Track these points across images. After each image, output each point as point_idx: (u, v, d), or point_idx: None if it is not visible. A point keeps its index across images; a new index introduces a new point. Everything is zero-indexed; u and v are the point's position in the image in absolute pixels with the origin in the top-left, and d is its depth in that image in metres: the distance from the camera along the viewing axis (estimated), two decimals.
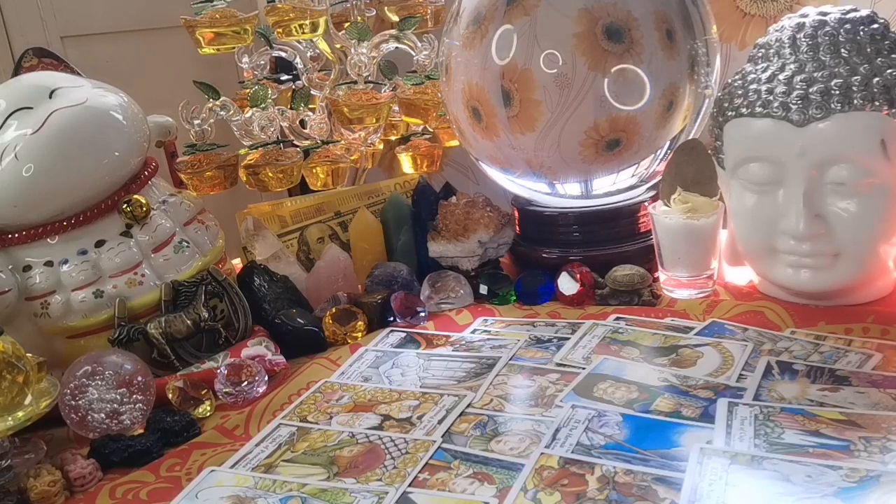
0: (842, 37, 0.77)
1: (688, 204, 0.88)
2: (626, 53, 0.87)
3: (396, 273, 0.97)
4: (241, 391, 0.77)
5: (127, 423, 0.72)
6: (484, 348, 0.82)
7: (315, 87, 1.11)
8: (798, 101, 0.76)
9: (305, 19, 1.01)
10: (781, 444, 0.58)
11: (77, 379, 0.72)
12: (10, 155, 0.80)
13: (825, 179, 0.77)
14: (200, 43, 1.02)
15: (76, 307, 0.82)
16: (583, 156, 0.91)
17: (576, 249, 0.97)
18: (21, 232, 0.82)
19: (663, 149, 0.94)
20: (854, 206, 0.76)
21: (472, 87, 0.93)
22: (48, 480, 0.64)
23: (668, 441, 0.60)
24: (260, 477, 0.63)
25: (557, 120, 0.89)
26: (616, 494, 0.55)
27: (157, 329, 0.82)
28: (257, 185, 1.03)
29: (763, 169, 0.80)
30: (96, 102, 0.84)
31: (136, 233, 0.85)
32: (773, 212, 0.80)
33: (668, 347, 0.77)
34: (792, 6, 1.06)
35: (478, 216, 0.98)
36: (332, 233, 1.05)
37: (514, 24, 0.89)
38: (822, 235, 0.78)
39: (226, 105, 1.02)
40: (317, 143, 1.06)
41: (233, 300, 0.87)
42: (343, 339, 0.88)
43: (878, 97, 0.74)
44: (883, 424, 0.60)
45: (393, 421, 0.69)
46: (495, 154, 0.97)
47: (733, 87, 0.84)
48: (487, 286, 0.96)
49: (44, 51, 0.99)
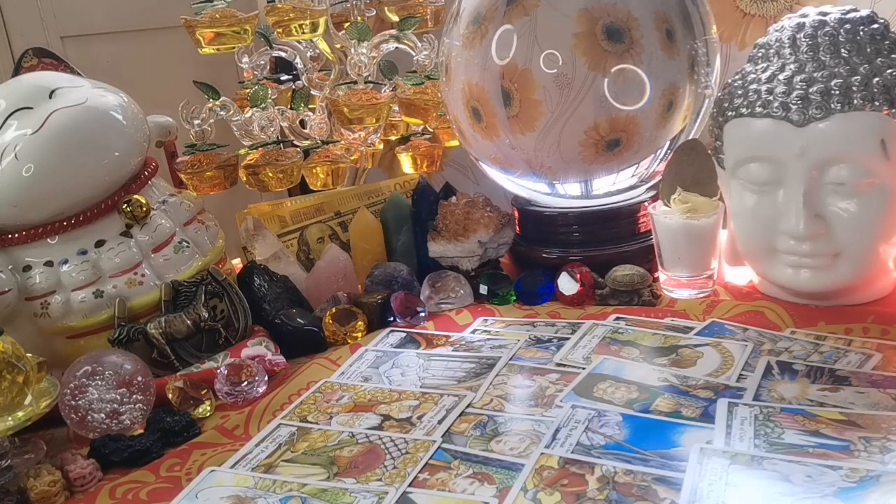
0: (842, 37, 0.77)
1: (688, 204, 0.88)
2: (626, 53, 0.87)
3: (396, 273, 0.97)
4: (241, 391, 0.77)
5: (127, 423, 0.72)
6: (484, 348, 0.82)
7: (315, 87, 1.11)
8: (798, 101, 0.76)
9: (305, 19, 1.01)
10: (781, 444, 0.58)
11: (77, 379, 0.72)
12: (10, 155, 0.80)
13: (825, 179, 0.77)
14: (200, 43, 1.02)
15: (76, 307, 0.82)
16: (583, 156, 0.91)
17: (576, 249, 0.97)
18: (21, 232, 0.82)
19: (663, 149, 0.94)
20: (854, 206, 0.76)
21: (472, 87, 0.93)
22: (48, 480, 0.64)
23: (668, 441, 0.60)
24: (260, 477, 0.63)
25: (557, 120, 0.89)
26: (616, 494, 0.55)
27: (157, 329, 0.82)
28: (257, 185, 1.03)
29: (763, 169, 0.80)
30: (96, 102, 0.84)
31: (136, 233, 0.85)
32: (773, 212, 0.80)
33: (668, 347, 0.77)
34: (792, 6, 1.06)
35: (478, 216, 0.98)
36: (332, 233, 1.05)
37: (514, 24, 0.89)
38: (822, 235, 0.78)
39: (226, 105, 1.02)
40: (317, 143, 1.06)
41: (233, 300, 0.87)
42: (343, 339, 0.88)
43: (878, 97, 0.74)
44: (883, 424, 0.60)
45: (393, 421, 0.69)
46: (495, 154, 0.97)
47: (733, 87, 0.84)
48: (487, 286, 0.96)
49: (44, 51, 0.99)
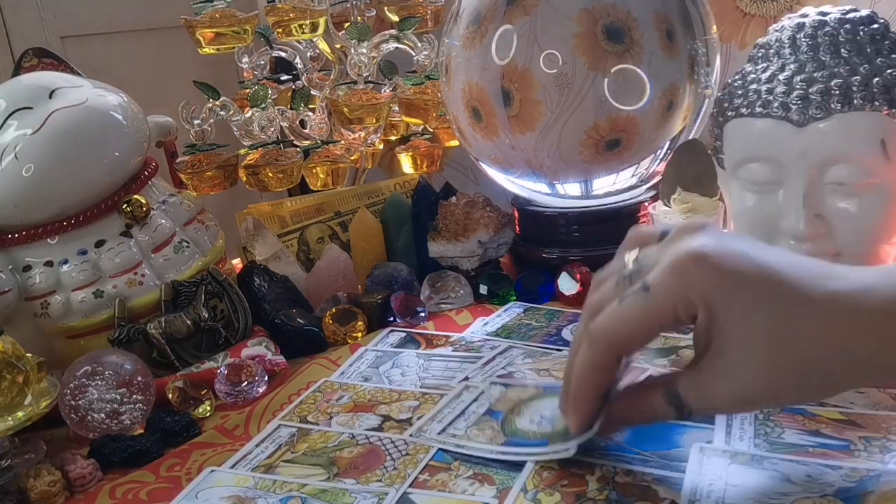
0: (842, 37, 0.77)
1: (688, 204, 0.88)
2: (626, 53, 0.87)
3: (396, 273, 0.97)
4: (241, 391, 0.77)
5: (127, 423, 0.72)
6: (484, 349, 0.82)
7: (315, 87, 1.11)
8: (798, 101, 0.76)
9: (305, 19, 1.01)
10: (781, 444, 0.58)
11: (77, 379, 0.72)
12: (9, 155, 0.80)
13: (825, 179, 0.77)
14: (200, 43, 1.02)
15: (76, 307, 0.82)
16: (583, 156, 0.91)
17: (576, 249, 0.97)
18: (21, 232, 0.82)
19: (663, 149, 0.94)
20: (854, 207, 0.76)
21: (472, 87, 0.93)
22: (48, 480, 0.64)
23: (669, 442, 0.60)
24: (260, 477, 0.62)
25: (557, 120, 0.89)
26: (616, 495, 0.55)
27: (157, 329, 0.82)
28: (257, 185, 1.03)
29: (763, 169, 0.80)
30: (96, 102, 0.84)
31: (136, 233, 0.85)
32: (773, 212, 0.80)
33: (668, 349, 0.77)
34: (792, 6, 1.06)
35: (478, 216, 0.98)
36: (332, 233, 1.05)
37: (514, 24, 0.89)
38: (822, 235, 0.78)
39: (226, 105, 1.02)
40: (317, 143, 1.06)
41: (233, 300, 0.87)
42: (343, 339, 0.88)
43: (878, 97, 0.74)
44: (883, 424, 0.60)
45: (393, 422, 0.69)
46: (495, 154, 0.97)
47: (733, 87, 0.84)
48: (487, 286, 0.96)
49: (44, 51, 0.99)
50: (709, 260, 0.48)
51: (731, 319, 0.48)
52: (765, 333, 0.47)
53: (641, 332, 0.51)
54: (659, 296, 0.49)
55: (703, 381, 0.50)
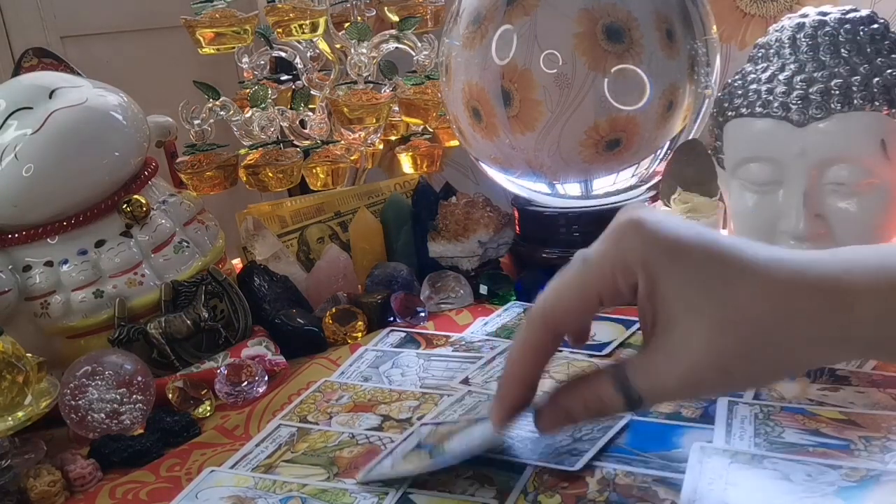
0: (842, 37, 0.77)
1: (688, 204, 0.88)
2: (626, 53, 0.87)
3: (396, 273, 0.97)
4: (241, 391, 0.77)
5: (127, 423, 0.72)
6: (484, 349, 0.82)
7: (315, 87, 1.11)
8: (798, 101, 0.76)
9: (305, 19, 1.01)
10: (781, 443, 0.58)
11: (77, 379, 0.72)
12: (9, 155, 0.80)
13: (825, 179, 0.77)
14: (200, 43, 1.02)
15: (76, 307, 0.82)
16: (583, 156, 0.91)
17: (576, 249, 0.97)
18: (21, 232, 0.82)
19: (663, 149, 0.94)
20: (854, 207, 0.76)
21: (472, 87, 0.93)
22: (48, 480, 0.64)
23: (669, 443, 0.60)
24: (260, 477, 0.63)
25: (557, 120, 0.89)
26: (616, 496, 0.55)
27: (157, 329, 0.82)
28: (257, 185, 1.03)
29: (763, 169, 0.80)
30: (96, 102, 0.84)
31: (136, 233, 0.85)
32: (772, 212, 0.80)
33: None
34: (792, 6, 1.06)
35: (478, 216, 0.98)
36: (332, 233, 1.05)
37: (513, 24, 0.89)
38: (822, 236, 0.78)
39: (226, 105, 1.02)
40: (317, 143, 1.06)
41: (233, 300, 0.87)
42: (343, 339, 0.88)
43: (878, 97, 0.74)
44: (883, 424, 0.60)
45: (393, 422, 0.69)
46: (495, 154, 0.97)
47: (733, 87, 0.83)
48: (487, 286, 0.96)
49: (44, 51, 0.99)
50: (647, 225, 0.46)
51: (673, 285, 0.45)
52: (708, 296, 0.44)
53: (578, 301, 0.48)
54: (596, 263, 0.47)
55: (650, 362, 0.47)
